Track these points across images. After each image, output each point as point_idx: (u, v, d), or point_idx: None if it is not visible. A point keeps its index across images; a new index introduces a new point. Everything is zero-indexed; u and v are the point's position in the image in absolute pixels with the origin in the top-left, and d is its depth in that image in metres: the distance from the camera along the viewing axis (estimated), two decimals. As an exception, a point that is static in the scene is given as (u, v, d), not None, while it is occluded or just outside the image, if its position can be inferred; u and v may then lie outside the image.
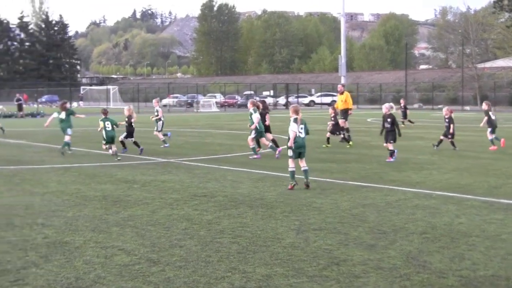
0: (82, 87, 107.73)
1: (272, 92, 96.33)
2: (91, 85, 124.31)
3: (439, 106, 75.38)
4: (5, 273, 6.84)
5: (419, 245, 7.96)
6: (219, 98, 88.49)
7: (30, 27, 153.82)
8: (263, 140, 19.38)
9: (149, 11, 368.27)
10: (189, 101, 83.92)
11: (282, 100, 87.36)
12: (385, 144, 17.63)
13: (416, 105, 79.13)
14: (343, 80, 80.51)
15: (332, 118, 22.68)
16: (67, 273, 6.80)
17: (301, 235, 8.50)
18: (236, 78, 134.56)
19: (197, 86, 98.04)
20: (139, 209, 10.44)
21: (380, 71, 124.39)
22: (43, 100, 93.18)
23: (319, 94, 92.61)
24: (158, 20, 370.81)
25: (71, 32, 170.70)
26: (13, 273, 6.82)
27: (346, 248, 7.81)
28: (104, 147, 19.20)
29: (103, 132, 18.75)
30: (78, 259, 7.35)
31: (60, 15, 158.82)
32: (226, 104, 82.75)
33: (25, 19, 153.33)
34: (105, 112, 19.60)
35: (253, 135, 18.87)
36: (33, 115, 54.73)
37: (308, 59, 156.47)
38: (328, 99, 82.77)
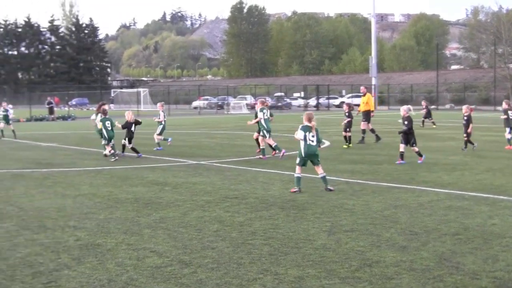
0: (112, 90, 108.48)
1: (302, 94, 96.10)
2: (121, 88, 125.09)
3: (471, 106, 74.72)
4: (38, 275, 6.92)
5: (452, 246, 7.90)
6: (250, 100, 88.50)
7: (60, 30, 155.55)
8: (267, 140, 19.50)
9: (179, 14, 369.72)
10: (219, 103, 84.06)
11: (312, 101, 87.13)
12: (412, 148, 17.43)
13: (447, 106, 78.41)
14: (373, 81, 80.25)
15: (347, 114, 22.58)
16: (100, 275, 6.86)
17: (333, 237, 8.48)
18: (266, 79, 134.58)
19: (228, 88, 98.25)
20: (170, 211, 10.50)
21: (411, 71, 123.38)
22: (73, 103, 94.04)
23: (349, 95, 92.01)
24: (188, 23, 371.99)
25: (101, 35, 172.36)
26: (45, 275, 6.90)
27: (378, 249, 7.78)
28: (104, 143, 19.58)
29: (104, 131, 19.25)
30: (110, 261, 7.42)
31: (90, 18, 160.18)
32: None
33: (55, 23, 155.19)
34: (104, 112, 19.97)
35: (267, 136, 19.25)
36: (64, 118, 55.32)
37: (338, 60, 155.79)
38: (358, 101, 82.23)
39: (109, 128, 19.34)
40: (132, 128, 20.16)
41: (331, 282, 6.49)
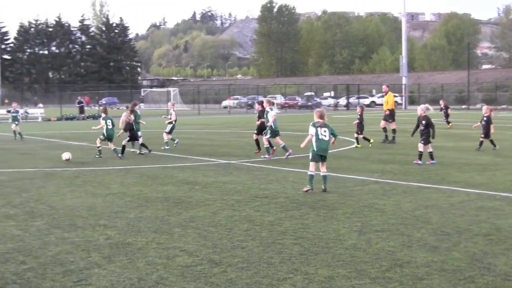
0: (142, 89, 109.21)
1: (332, 93, 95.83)
2: (151, 87, 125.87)
3: (502, 106, 73.80)
4: (68, 273, 6.96)
5: (484, 247, 7.81)
6: (280, 99, 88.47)
7: (91, 30, 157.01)
8: (277, 140, 19.47)
9: (209, 13, 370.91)
10: (249, 102, 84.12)
11: (343, 101, 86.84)
12: (426, 148, 17.14)
13: (479, 105, 77.55)
14: (404, 81, 79.71)
15: (359, 117, 22.46)
16: (130, 273, 6.89)
17: (363, 237, 8.43)
18: (297, 79, 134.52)
19: (258, 87, 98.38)
20: (200, 211, 10.52)
21: (442, 71, 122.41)
22: (103, 102, 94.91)
23: (380, 94, 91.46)
24: (218, 22, 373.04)
25: (131, 34, 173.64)
26: (76, 274, 6.94)
27: (409, 249, 7.72)
28: (99, 143, 19.86)
29: (104, 129, 19.83)
30: (141, 260, 7.44)
31: (121, 18, 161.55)
32: (286, 105, 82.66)
33: (86, 22, 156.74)
34: (105, 111, 20.66)
35: (268, 135, 19.19)
36: (94, 117, 55.78)
37: (369, 60, 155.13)
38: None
39: (110, 127, 19.94)
40: (134, 128, 20.39)
41: (361, 282, 6.45)
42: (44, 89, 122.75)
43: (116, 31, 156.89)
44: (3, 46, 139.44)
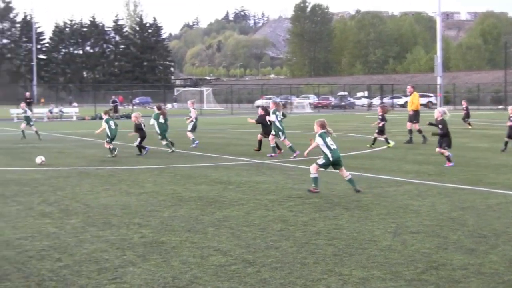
0: (175, 89, 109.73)
1: (366, 93, 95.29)
2: (184, 87, 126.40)
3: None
4: (103, 271, 7.00)
5: (523, 251, 7.67)
6: (313, 99, 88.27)
7: (125, 30, 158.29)
8: (283, 141, 19.54)
9: (242, 13, 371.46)
10: (282, 102, 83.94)
11: (376, 101, 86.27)
12: (437, 149, 16.80)
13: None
14: (439, 81, 78.85)
15: (380, 117, 22.26)
16: (164, 272, 6.90)
17: (398, 238, 8.34)
18: (330, 79, 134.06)
19: (291, 87, 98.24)
20: (234, 210, 10.51)
21: (478, 71, 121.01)
22: (137, 101, 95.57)
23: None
24: (251, 22, 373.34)
25: (165, 34, 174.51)
26: (111, 271, 6.98)
27: (445, 252, 7.61)
28: (107, 145, 20.13)
29: (107, 130, 20.13)
30: (175, 258, 7.46)
31: (154, 18, 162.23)
32: (319, 105, 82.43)
33: (120, 22, 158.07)
34: (108, 112, 21.06)
35: (283, 136, 19.43)
36: (128, 116, 56.05)
37: (403, 59, 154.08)
38: (423, 100, 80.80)
39: (113, 127, 20.25)
40: (144, 128, 20.55)
41: (396, 284, 6.37)
42: (78, 89, 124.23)
43: (150, 31, 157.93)
44: (38, 46, 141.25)
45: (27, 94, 59.08)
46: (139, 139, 20.26)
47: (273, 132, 19.43)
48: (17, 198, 12.10)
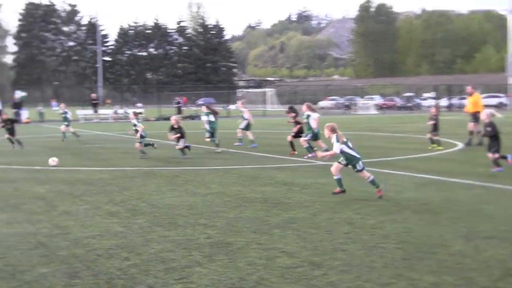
0: (238, 90, 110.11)
1: (433, 94, 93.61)
2: (247, 88, 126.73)
3: None
4: (170, 270, 7.01)
5: None
6: (378, 100, 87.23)
7: (187, 31, 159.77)
8: (318, 143, 19.51)
9: (305, 13, 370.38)
10: (346, 103, 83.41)
11: (444, 102, 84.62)
12: (489, 155, 15.90)
13: None
14: (510, 81, 76.89)
15: (434, 118, 21.67)
16: (231, 273, 6.86)
17: (470, 243, 8.07)
18: (395, 79, 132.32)
19: (355, 88, 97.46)
20: (300, 212, 10.41)
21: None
22: (200, 102, 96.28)
23: (484, 95, 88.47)
24: (314, 22, 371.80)
25: (227, 35, 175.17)
26: (178, 271, 6.99)
27: (521, 258, 7.33)
28: (140, 147, 20.36)
29: (141, 132, 20.34)
30: (241, 260, 7.41)
31: (217, 19, 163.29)
32: (385, 106, 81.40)
33: (183, 24, 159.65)
34: (136, 114, 21.53)
35: (308, 137, 19.39)
36: (192, 117, 56.56)
37: (471, 59, 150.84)
38: (494, 101, 78.81)
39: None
40: (183, 131, 20.37)
41: (470, 291, 6.16)
42: (142, 90, 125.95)
43: (213, 32, 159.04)
44: (103, 49, 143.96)
45: (93, 95, 60.23)
46: (181, 141, 20.05)
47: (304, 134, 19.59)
48: (85, 197, 12.28)
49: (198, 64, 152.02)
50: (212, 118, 22.08)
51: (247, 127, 23.68)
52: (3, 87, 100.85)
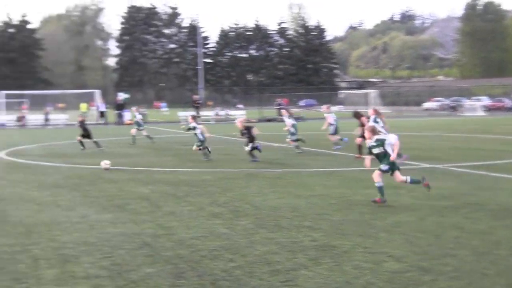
0: (339, 91, 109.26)
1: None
2: (349, 89, 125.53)
3: None
4: (275, 273, 7.00)
5: None
6: (485, 101, 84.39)
7: (288, 32, 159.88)
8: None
9: (408, 13, 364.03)
10: (452, 104, 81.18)
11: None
12: None
13: None
14: None
15: None
16: (336, 277, 6.78)
17: None
18: (504, 80, 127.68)
19: (461, 89, 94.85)
20: (406, 215, 10.17)
21: None
22: (302, 104, 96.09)
23: None
24: (417, 22, 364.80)
25: (329, 36, 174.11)
26: (283, 274, 6.96)
27: None
28: (196, 149, 20.58)
29: (199, 136, 20.50)
30: (347, 263, 7.31)
31: (318, 20, 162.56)
32: (493, 107, 78.67)
33: (283, 25, 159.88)
34: (194, 117, 21.90)
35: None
36: (295, 119, 56.60)
37: None
38: None
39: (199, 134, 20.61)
40: (252, 133, 20.07)
41: None
42: (243, 91, 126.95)
43: (314, 33, 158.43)
44: (204, 51, 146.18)
45: (196, 97, 61.16)
46: (250, 144, 19.84)
47: None
48: (188, 198, 12.45)
49: (299, 66, 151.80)
50: (293, 120, 22.60)
51: (336, 132, 23.40)
52: (106, 89, 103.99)
